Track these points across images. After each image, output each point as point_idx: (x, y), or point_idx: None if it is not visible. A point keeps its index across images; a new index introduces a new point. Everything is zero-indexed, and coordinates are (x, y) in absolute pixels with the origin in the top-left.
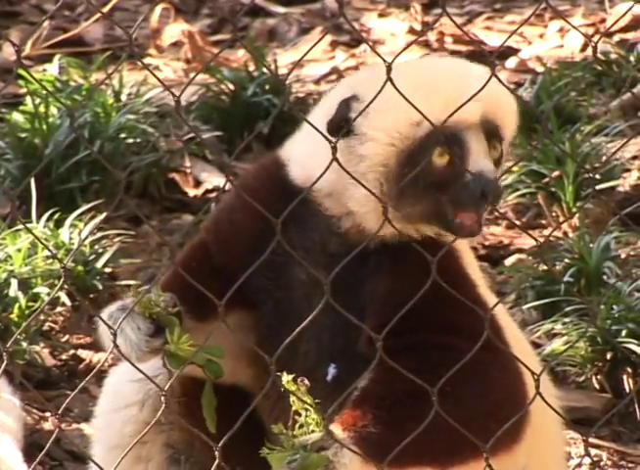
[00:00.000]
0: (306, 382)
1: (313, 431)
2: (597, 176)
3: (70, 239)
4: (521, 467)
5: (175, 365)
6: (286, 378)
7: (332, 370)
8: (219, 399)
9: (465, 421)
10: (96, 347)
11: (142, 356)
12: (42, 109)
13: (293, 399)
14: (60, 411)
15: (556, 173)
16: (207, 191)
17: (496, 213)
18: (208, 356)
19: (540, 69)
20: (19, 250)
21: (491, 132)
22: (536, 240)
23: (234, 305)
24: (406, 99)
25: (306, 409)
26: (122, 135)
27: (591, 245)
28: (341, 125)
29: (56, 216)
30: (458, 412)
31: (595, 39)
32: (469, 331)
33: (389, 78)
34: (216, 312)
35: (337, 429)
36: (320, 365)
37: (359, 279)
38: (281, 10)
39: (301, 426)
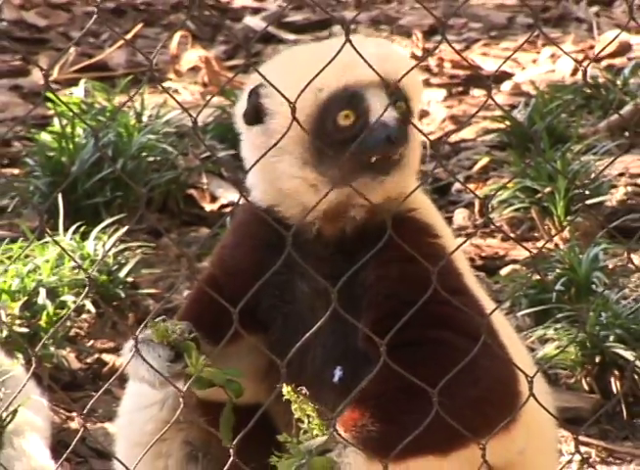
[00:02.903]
0: (305, 390)
1: (317, 435)
2: (586, 192)
3: (95, 250)
4: (518, 449)
5: (198, 387)
6: (286, 388)
7: (337, 372)
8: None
9: (460, 409)
10: (118, 351)
11: (164, 382)
12: (69, 129)
13: (294, 407)
14: (85, 411)
15: (548, 189)
16: (223, 206)
17: (492, 227)
18: (228, 376)
19: (533, 92)
20: (47, 261)
21: (392, 91)
22: (530, 251)
23: (246, 328)
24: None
25: (308, 416)
26: (144, 154)
27: (581, 256)
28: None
29: (82, 229)
30: (452, 402)
31: (584, 64)
32: (458, 324)
33: (348, 39)
34: (230, 337)
35: (338, 431)
36: (327, 369)
37: (350, 279)
38: (291, 37)
39: (305, 432)
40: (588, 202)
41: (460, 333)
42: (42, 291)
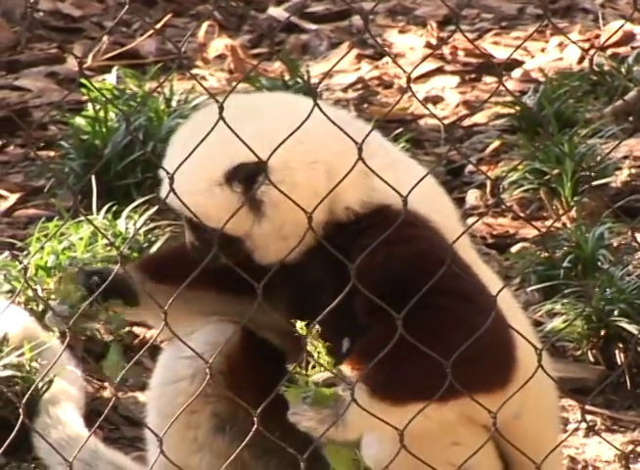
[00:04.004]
0: (317, 327)
1: (325, 371)
2: (592, 174)
3: (127, 229)
4: (514, 411)
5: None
6: (299, 324)
7: (345, 343)
8: (259, 365)
9: (457, 363)
10: (148, 324)
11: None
12: (102, 114)
13: (306, 342)
14: (117, 381)
15: (556, 171)
16: None
17: (503, 206)
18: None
19: (542, 78)
20: (81, 238)
21: (191, 223)
22: (539, 230)
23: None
24: None
25: (319, 352)
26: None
27: (587, 234)
28: None
29: (114, 209)
30: (450, 356)
31: (591, 53)
32: (455, 291)
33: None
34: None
35: (346, 369)
36: (336, 340)
37: (340, 267)
38: (313, 27)
39: (314, 367)
40: (594, 183)
41: (458, 298)
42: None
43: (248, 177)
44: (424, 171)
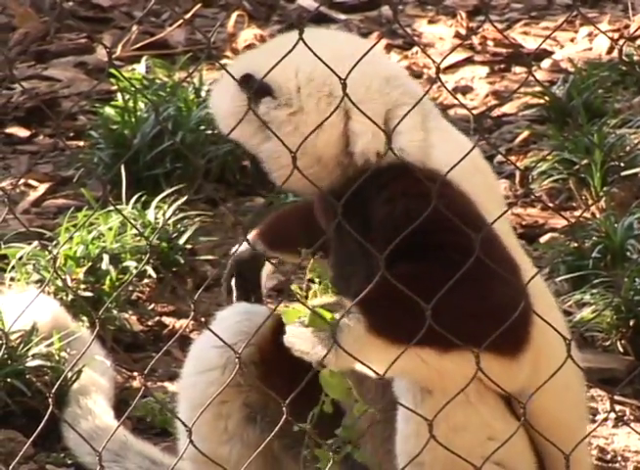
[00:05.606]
0: (321, 253)
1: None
2: (621, 164)
3: (156, 219)
4: (522, 387)
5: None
6: (303, 252)
7: None
8: (291, 356)
9: (464, 316)
10: (178, 314)
11: None
12: (131, 104)
13: (309, 267)
14: (146, 371)
15: (585, 161)
16: None
17: (532, 197)
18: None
19: (571, 69)
20: (110, 228)
21: None
22: (568, 220)
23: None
24: None
25: (320, 277)
26: (202, 127)
27: (616, 225)
28: None
29: (143, 199)
30: (458, 307)
31: (620, 43)
32: (466, 247)
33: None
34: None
35: (347, 301)
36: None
37: (363, 217)
38: (342, 17)
39: (316, 293)
40: (623, 173)
41: (468, 255)
42: (105, 257)
43: (256, 91)
44: (464, 143)
